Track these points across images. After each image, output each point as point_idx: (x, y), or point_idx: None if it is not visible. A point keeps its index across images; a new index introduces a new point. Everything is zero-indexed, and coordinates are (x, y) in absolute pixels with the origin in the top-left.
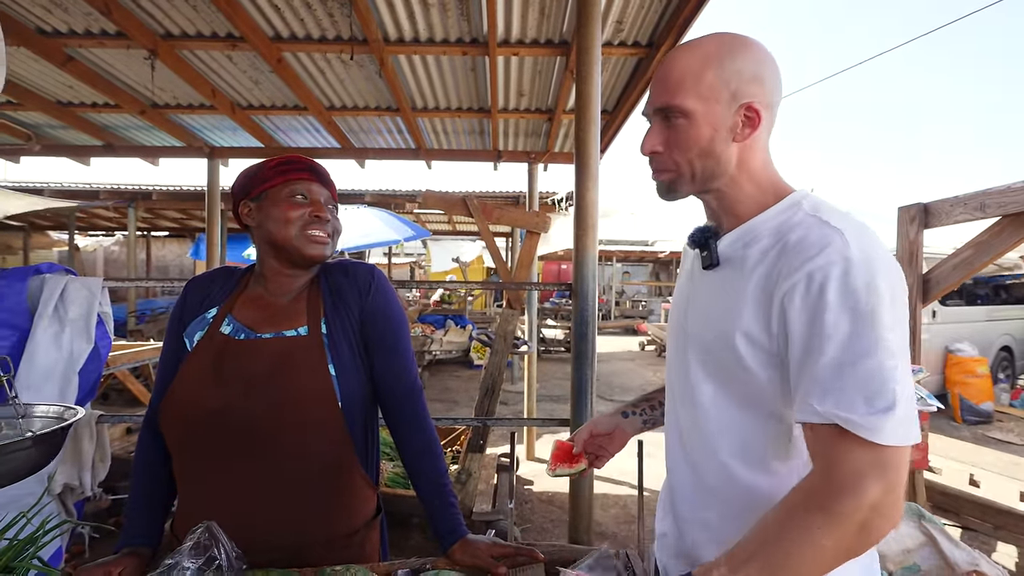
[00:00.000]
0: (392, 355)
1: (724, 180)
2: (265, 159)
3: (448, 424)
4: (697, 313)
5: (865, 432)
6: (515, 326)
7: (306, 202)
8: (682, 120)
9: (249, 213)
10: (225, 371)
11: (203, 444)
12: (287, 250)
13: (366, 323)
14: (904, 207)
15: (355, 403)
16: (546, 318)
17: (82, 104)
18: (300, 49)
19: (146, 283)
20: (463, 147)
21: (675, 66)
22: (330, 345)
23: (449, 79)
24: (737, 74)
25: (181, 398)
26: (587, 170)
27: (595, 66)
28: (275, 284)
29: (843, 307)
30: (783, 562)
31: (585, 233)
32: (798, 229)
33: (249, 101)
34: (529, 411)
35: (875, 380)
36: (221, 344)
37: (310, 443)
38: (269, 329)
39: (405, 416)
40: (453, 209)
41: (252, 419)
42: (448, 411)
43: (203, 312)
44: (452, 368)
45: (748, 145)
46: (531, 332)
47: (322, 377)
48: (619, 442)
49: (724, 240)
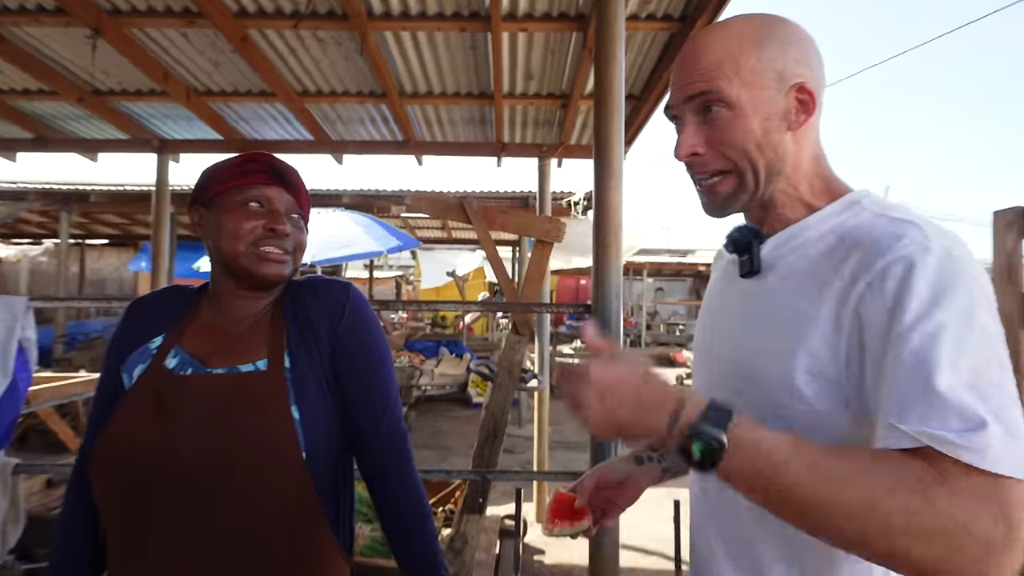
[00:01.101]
0: (370, 392)
1: (783, 182)
2: (229, 158)
3: (440, 478)
4: (731, 333)
5: (966, 455)
6: (523, 355)
7: (262, 211)
8: (724, 111)
9: (200, 221)
10: (168, 414)
11: (138, 503)
12: (235, 269)
13: (338, 354)
14: (1000, 212)
15: (323, 453)
16: (561, 344)
17: (11, 91)
18: (268, 26)
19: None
20: (460, 139)
21: (707, 48)
22: (294, 381)
23: (444, 59)
24: (782, 53)
25: (114, 446)
26: (609, 166)
27: (618, 43)
28: (230, 308)
29: (931, 302)
30: (835, 497)
31: (606, 243)
32: (863, 228)
33: (207, 86)
34: (540, 462)
35: (976, 391)
36: (165, 381)
37: (267, 502)
38: (222, 363)
39: (385, 468)
40: (448, 214)
41: (197, 474)
42: (440, 461)
43: (146, 341)
44: (445, 407)
45: (804, 137)
46: (542, 362)
47: (283, 421)
48: (631, 494)
49: (769, 244)
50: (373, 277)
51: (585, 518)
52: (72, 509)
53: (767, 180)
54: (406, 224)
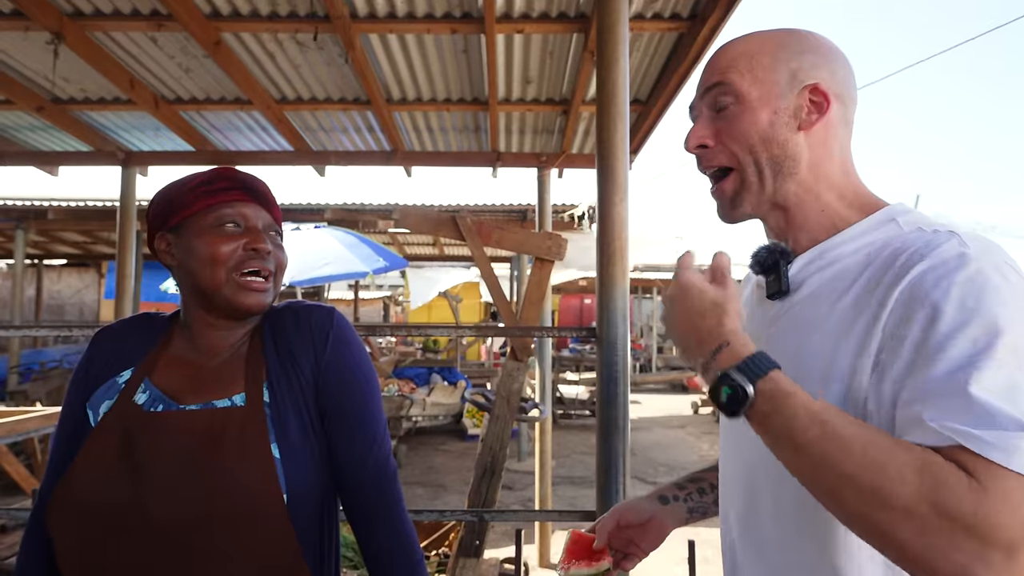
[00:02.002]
0: (356, 427)
1: (796, 184)
2: (188, 176)
3: (433, 518)
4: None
5: (996, 453)
6: (522, 383)
7: (239, 231)
8: (733, 104)
9: (168, 248)
10: (137, 455)
11: (101, 558)
12: (214, 299)
13: (322, 387)
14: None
15: (306, 496)
16: (564, 370)
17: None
18: (244, 28)
19: (36, 331)
20: (452, 149)
21: (728, 49)
22: (274, 418)
23: (434, 63)
24: (799, 55)
25: (78, 490)
26: (613, 176)
27: (622, 45)
28: (204, 339)
29: (968, 310)
30: (845, 463)
31: (611, 260)
32: (899, 242)
33: (178, 94)
34: (542, 500)
35: (1011, 398)
36: (133, 418)
37: (245, 557)
38: (196, 398)
39: (372, 509)
40: (439, 230)
41: (169, 519)
42: (433, 499)
43: (114, 375)
44: (439, 439)
45: (821, 141)
46: (544, 391)
47: (263, 461)
48: (655, 536)
49: (797, 263)
50: (358, 298)
51: (604, 559)
52: (29, 560)
53: (773, 177)
54: (394, 241)
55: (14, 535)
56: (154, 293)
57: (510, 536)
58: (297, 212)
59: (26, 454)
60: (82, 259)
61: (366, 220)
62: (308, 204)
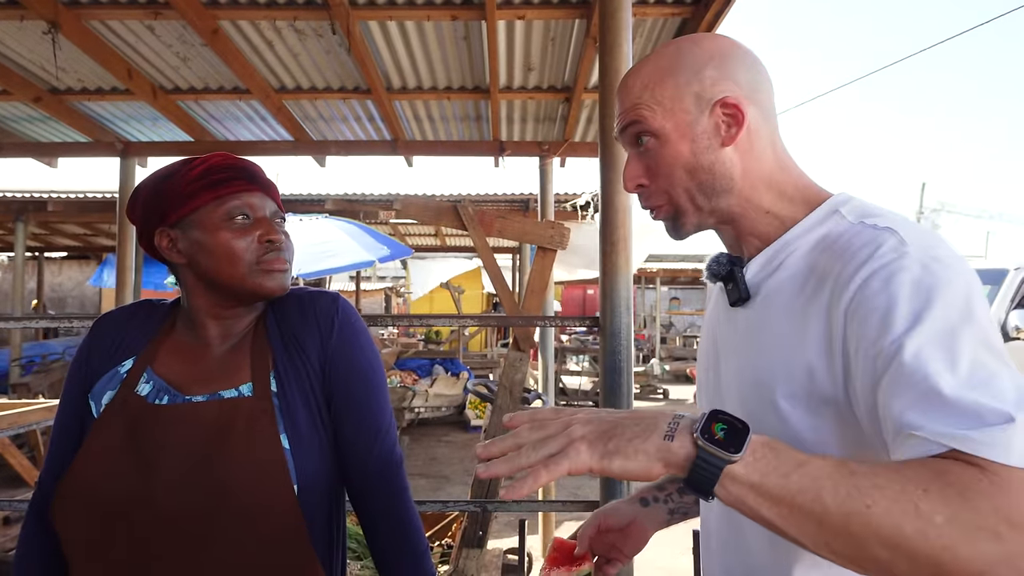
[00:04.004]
0: (363, 416)
1: (733, 197)
2: (178, 163)
3: (436, 509)
4: (728, 365)
5: (995, 451)
6: (524, 374)
7: (248, 223)
8: (652, 141)
9: (171, 246)
10: (144, 448)
11: (109, 552)
12: (236, 290)
13: (329, 374)
14: None
15: (316, 486)
16: (567, 360)
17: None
18: (242, 16)
19: (37, 323)
20: (454, 138)
21: (631, 83)
22: (283, 408)
23: (435, 51)
24: (696, 76)
25: (83, 484)
26: (616, 165)
27: (625, 30)
28: (209, 327)
29: (917, 309)
30: (858, 507)
31: (614, 249)
32: (843, 239)
33: (176, 83)
34: (545, 490)
35: (982, 388)
36: (137, 410)
37: (255, 541)
38: (202, 389)
39: (378, 499)
40: (441, 219)
41: (179, 512)
42: (436, 491)
43: (116, 364)
44: (441, 431)
45: (747, 148)
46: (546, 381)
47: (273, 452)
48: (636, 540)
49: (751, 267)
50: (360, 290)
51: (585, 565)
52: (30, 551)
53: (708, 199)
54: (395, 231)
55: (17, 527)
56: (157, 284)
57: (513, 526)
58: (297, 203)
59: (29, 446)
60: (82, 251)
61: (367, 210)
62: (309, 195)
